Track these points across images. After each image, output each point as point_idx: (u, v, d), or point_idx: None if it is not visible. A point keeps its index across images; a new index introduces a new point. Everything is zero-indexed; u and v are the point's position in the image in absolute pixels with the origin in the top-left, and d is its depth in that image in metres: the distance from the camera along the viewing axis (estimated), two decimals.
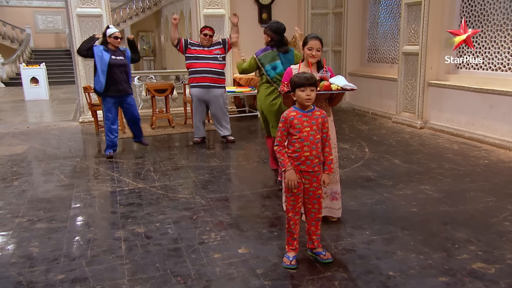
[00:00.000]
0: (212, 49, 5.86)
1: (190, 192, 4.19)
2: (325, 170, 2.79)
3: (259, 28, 8.80)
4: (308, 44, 3.23)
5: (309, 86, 2.65)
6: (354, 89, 3.01)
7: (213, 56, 5.83)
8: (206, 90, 5.85)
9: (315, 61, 3.25)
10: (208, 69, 5.79)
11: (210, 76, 5.80)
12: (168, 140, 6.45)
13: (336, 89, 3.00)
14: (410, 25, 6.62)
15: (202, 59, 5.79)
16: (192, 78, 5.88)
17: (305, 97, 2.64)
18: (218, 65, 5.86)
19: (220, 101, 5.99)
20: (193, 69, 5.84)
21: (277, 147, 2.75)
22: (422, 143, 5.72)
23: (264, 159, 5.26)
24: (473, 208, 3.53)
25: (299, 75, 2.70)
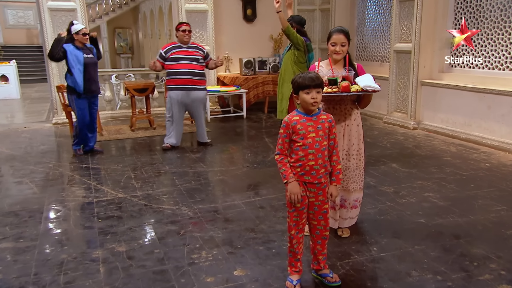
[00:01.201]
0: (193, 51, 5.47)
1: (176, 202, 3.82)
2: (332, 182, 2.48)
3: (243, 25, 8.47)
4: (332, 39, 2.90)
5: (315, 87, 2.32)
6: (376, 90, 2.69)
7: (193, 57, 5.43)
8: (187, 93, 5.43)
9: (340, 58, 2.92)
10: (188, 70, 5.38)
11: (190, 78, 5.39)
12: (149, 143, 6.04)
13: (355, 91, 2.69)
14: (402, 22, 6.38)
15: (180, 60, 5.38)
16: (171, 80, 5.45)
17: (310, 100, 2.32)
18: (198, 66, 5.46)
19: (201, 105, 5.61)
20: (172, 70, 5.41)
21: (278, 156, 2.42)
22: (417, 145, 5.48)
23: (254, 164, 4.92)
24: (484, 219, 3.28)
25: (302, 75, 2.37)
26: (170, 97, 5.50)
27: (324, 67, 2.95)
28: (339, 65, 2.94)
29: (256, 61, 8.01)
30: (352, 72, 2.82)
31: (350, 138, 2.94)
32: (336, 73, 2.80)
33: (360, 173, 3.05)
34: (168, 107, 5.57)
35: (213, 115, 7.69)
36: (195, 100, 5.49)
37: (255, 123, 7.27)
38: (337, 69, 2.89)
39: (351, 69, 2.85)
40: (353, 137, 2.96)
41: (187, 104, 5.50)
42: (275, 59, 8.15)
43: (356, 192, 3.06)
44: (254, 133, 6.50)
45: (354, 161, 3.01)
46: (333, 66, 2.90)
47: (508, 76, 5.20)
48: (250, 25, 8.55)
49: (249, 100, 7.84)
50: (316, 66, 2.93)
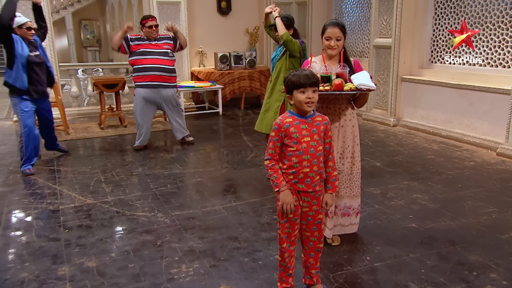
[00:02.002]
0: (161, 43, 5.11)
1: (151, 208, 3.54)
2: (327, 189, 2.27)
3: (218, 18, 8.18)
4: (326, 32, 2.67)
5: (311, 86, 2.10)
6: (371, 89, 2.49)
7: (162, 50, 5.07)
8: (156, 90, 5.07)
9: (335, 53, 2.70)
10: (157, 65, 5.01)
11: (159, 74, 5.02)
12: (120, 142, 5.69)
13: (349, 90, 2.48)
14: (381, 16, 6.25)
15: (149, 54, 5.02)
16: (138, 77, 5.06)
17: (306, 100, 2.09)
18: (168, 61, 5.09)
19: (173, 102, 5.27)
20: (139, 66, 5.03)
21: (269, 161, 2.19)
22: (399, 143, 5.36)
23: (233, 164, 4.67)
24: (477, 222, 3.15)
25: (297, 73, 2.14)
26: (137, 95, 5.14)
27: (317, 63, 2.73)
28: (333, 61, 2.73)
29: (232, 56, 7.73)
30: (347, 69, 2.61)
31: (345, 140, 2.74)
32: (330, 69, 2.59)
33: (354, 179, 2.85)
34: (134, 107, 5.21)
35: (188, 112, 7.35)
36: (166, 98, 5.16)
37: (232, 120, 7.01)
38: (331, 65, 2.67)
39: (346, 65, 2.64)
40: (347, 139, 2.75)
41: (157, 102, 5.17)
42: (251, 54, 7.89)
43: (349, 198, 2.87)
44: (231, 131, 6.25)
45: (348, 165, 2.81)
46: (327, 62, 2.68)
47: (489, 72, 5.13)
48: (225, 18, 8.26)
49: (225, 96, 7.57)
50: (309, 62, 2.71)
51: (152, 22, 5.07)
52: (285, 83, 2.16)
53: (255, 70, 7.85)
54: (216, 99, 7.49)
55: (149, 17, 5.14)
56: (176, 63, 5.38)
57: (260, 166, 4.57)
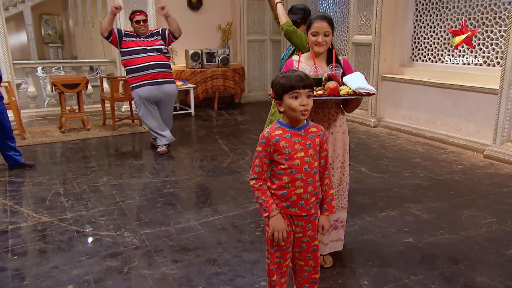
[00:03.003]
0: (153, 40, 4.72)
1: (117, 226, 3.12)
2: (323, 211, 1.94)
3: (188, 13, 7.74)
4: (312, 27, 2.33)
5: (305, 88, 1.76)
6: (371, 93, 2.17)
7: (156, 47, 4.69)
8: (157, 87, 4.69)
9: (323, 50, 2.36)
10: (153, 62, 4.65)
11: (158, 71, 4.66)
12: (83, 147, 5.20)
13: (346, 94, 2.15)
14: (361, 12, 5.99)
15: (142, 53, 4.62)
16: (134, 78, 4.66)
17: (299, 107, 1.75)
18: (163, 57, 4.73)
19: (172, 101, 4.94)
20: (133, 66, 4.64)
21: (255, 181, 1.84)
22: (382, 145, 5.11)
23: (208, 171, 4.29)
24: (477, 235, 2.90)
25: (287, 74, 1.79)
26: (138, 97, 4.72)
27: (304, 63, 2.39)
28: (321, 60, 2.40)
29: (204, 53, 7.32)
30: (340, 70, 2.29)
31: (335, 149, 2.42)
32: (320, 70, 2.26)
33: (343, 190, 2.55)
34: (139, 111, 4.81)
35: None
36: (168, 94, 4.81)
37: (205, 121, 6.61)
38: (319, 65, 2.34)
39: (338, 66, 2.31)
40: (337, 147, 2.44)
41: (159, 99, 4.78)
42: (224, 51, 7.50)
43: (337, 211, 2.56)
44: (205, 133, 5.86)
45: (338, 176, 2.50)
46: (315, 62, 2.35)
47: (473, 71, 4.95)
48: (196, 14, 7.82)
49: (197, 96, 7.15)
50: (295, 62, 2.37)
51: (139, 17, 4.65)
52: (273, 86, 1.81)
53: (229, 68, 7.47)
54: (187, 99, 7.06)
55: (137, 12, 4.71)
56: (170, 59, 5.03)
57: (238, 173, 4.21)
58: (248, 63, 8.15)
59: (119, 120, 6.10)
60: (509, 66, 4.23)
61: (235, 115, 7.06)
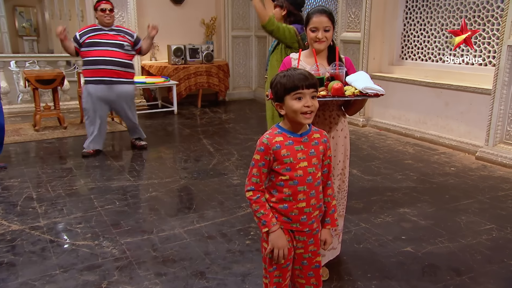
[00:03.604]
0: (117, 35, 4.41)
1: (95, 234, 2.88)
2: (325, 224, 1.76)
3: (170, 7, 7.47)
4: (311, 22, 2.15)
5: (309, 88, 1.57)
6: (380, 94, 2.00)
7: (117, 42, 4.37)
8: (108, 87, 4.37)
9: (323, 47, 2.19)
10: (108, 58, 4.31)
11: (111, 68, 4.32)
12: (59, 147, 4.91)
13: (352, 95, 1.97)
14: (349, 8, 5.84)
15: (99, 45, 4.31)
16: (87, 71, 4.37)
17: (303, 109, 1.56)
18: (123, 54, 4.39)
19: (129, 102, 4.58)
20: (88, 58, 4.33)
21: (252, 193, 1.64)
22: (372, 146, 4.98)
23: (193, 173, 4.07)
24: (477, 243, 2.78)
25: (288, 72, 1.60)
26: (87, 92, 4.42)
27: (304, 61, 2.21)
28: (321, 57, 2.23)
29: (187, 49, 7.06)
30: (343, 69, 2.11)
31: (336, 154, 2.25)
32: (322, 69, 2.07)
33: (341, 197, 2.39)
34: (85, 104, 4.49)
35: (138, 111, 6.61)
36: (121, 96, 4.46)
37: (189, 119, 6.37)
38: (320, 63, 2.16)
39: (342, 64, 2.14)
40: (338, 152, 2.26)
41: (110, 100, 4.46)
42: (208, 47, 7.26)
43: None
44: (189, 133, 5.62)
45: (337, 183, 2.33)
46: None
47: (465, 71, 4.85)
48: (178, 8, 7.56)
49: (180, 93, 6.90)
50: (293, 60, 2.19)
51: (105, 5, 4.35)
52: (272, 87, 1.61)
53: (213, 64, 7.23)
54: (170, 96, 6.80)
55: (103, 0, 4.38)
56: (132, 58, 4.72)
57: (224, 176, 4.00)
58: (233, 59, 7.93)
59: None
60: (503, 65, 4.13)
61: (219, 113, 6.84)
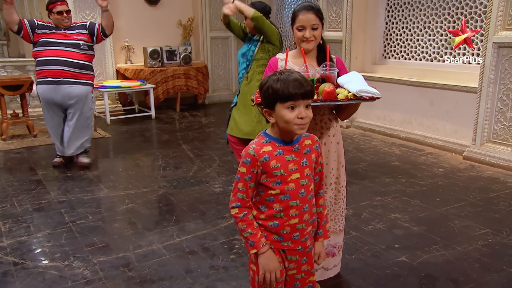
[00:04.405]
0: (72, 33, 4.05)
1: (65, 254, 2.64)
2: (318, 236, 1.59)
3: (145, 7, 7.22)
4: (298, 20, 1.98)
5: (304, 98, 1.38)
6: (375, 97, 1.83)
7: (72, 41, 4.01)
8: (55, 88, 3.96)
9: (311, 47, 2.03)
10: (60, 58, 3.94)
11: (63, 69, 3.95)
12: (28, 157, 4.61)
13: (345, 98, 1.80)
14: (330, 7, 5.70)
15: (52, 45, 3.96)
16: (37, 72, 4.04)
17: (296, 121, 1.37)
18: (78, 54, 4.01)
19: (80, 107, 4.09)
20: (40, 58, 3.99)
21: (238, 210, 1.45)
22: (358, 148, 4.84)
23: (172, 182, 3.85)
24: (474, 250, 2.64)
25: (282, 76, 1.40)
26: (39, 95, 4.11)
27: (291, 62, 2.03)
28: (310, 58, 2.06)
29: (164, 51, 6.82)
30: (335, 70, 1.94)
31: (328, 162, 2.07)
32: (311, 70, 1.89)
33: (339, 210, 2.21)
34: (43, 109, 4.18)
35: (114, 116, 6.36)
36: (68, 98, 4.02)
37: (167, 124, 6.13)
38: (309, 63, 1.99)
39: (333, 65, 1.97)
40: (331, 160, 2.09)
41: (57, 102, 4.05)
42: (186, 49, 7.03)
43: (333, 234, 2.22)
44: (167, 138, 5.38)
45: (332, 193, 2.16)
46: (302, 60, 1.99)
47: (449, 69, 4.76)
48: (154, 9, 7.30)
49: (158, 97, 6.65)
50: (280, 60, 2.01)
51: (62, 7, 3.98)
52: (262, 91, 1.42)
53: (191, 67, 7.00)
54: (147, 100, 6.55)
55: (57, 1, 3.99)
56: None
57: (205, 183, 3.80)
58: (212, 61, 7.71)
59: None
60: (488, 63, 4.04)
61: (199, 116, 6.62)
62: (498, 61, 4.00)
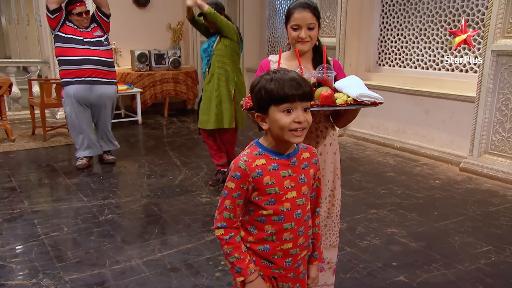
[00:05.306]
0: (91, 30, 4.03)
1: (34, 270, 2.42)
2: (313, 259, 1.40)
3: (134, 10, 7.04)
4: (293, 19, 1.81)
5: (302, 100, 1.20)
6: (378, 102, 1.66)
7: (94, 39, 4.00)
8: (91, 87, 3.99)
9: (307, 48, 1.86)
10: (91, 58, 3.95)
11: (95, 68, 3.96)
12: (4, 162, 4.37)
13: (344, 103, 1.62)
14: (324, 13, 5.56)
15: (81, 44, 3.93)
16: (67, 72, 3.96)
17: (292, 125, 1.19)
18: (103, 52, 4.04)
19: (110, 104, 4.22)
20: (67, 57, 3.92)
21: (224, 232, 1.26)
22: (351, 157, 4.68)
23: (157, 190, 3.64)
24: (477, 269, 2.47)
25: (277, 76, 1.21)
26: (67, 95, 4.02)
27: (285, 64, 1.85)
28: (306, 60, 1.88)
29: (152, 54, 6.62)
30: (332, 73, 1.76)
31: (324, 173, 1.88)
32: (307, 73, 1.72)
33: (332, 224, 2.02)
34: (67, 109, 4.09)
35: None
36: (102, 97, 4.10)
37: (154, 130, 5.91)
38: (305, 66, 1.81)
39: (330, 67, 1.79)
40: (327, 171, 1.90)
41: (90, 101, 4.07)
42: (175, 52, 6.84)
43: (324, 249, 2.02)
44: (154, 144, 5.17)
45: (326, 206, 1.97)
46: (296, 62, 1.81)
47: (446, 77, 4.63)
48: (143, 11, 7.12)
49: (145, 102, 6.43)
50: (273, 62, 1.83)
51: (81, 8, 3.94)
52: (253, 93, 1.23)
53: (180, 71, 6.80)
54: (134, 105, 6.33)
55: (76, 1, 3.93)
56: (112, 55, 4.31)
57: (192, 193, 3.59)
58: (202, 66, 7.49)
59: (52, 129, 5.30)
60: (487, 71, 3.91)
61: (187, 122, 6.41)
62: (497, 70, 3.87)
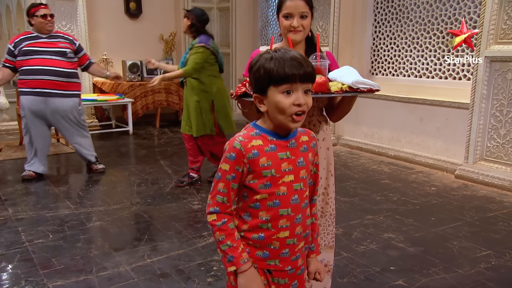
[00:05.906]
0: (56, 41, 3.89)
1: (16, 277, 2.30)
2: (311, 252, 1.32)
3: (126, 20, 7.01)
4: (285, 7, 1.74)
5: (302, 81, 1.13)
6: (374, 89, 1.61)
7: (57, 49, 3.84)
8: (43, 100, 3.80)
9: (300, 38, 1.79)
10: (47, 68, 3.76)
11: (49, 79, 3.77)
12: None
13: (339, 90, 1.57)
14: (317, 22, 5.56)
15: (37, 54, 3.78)
16: (21, 81, 3.83)
17: (292, 109, 1.12)
18: (64, 62, 3.85)
19: (69, 119, 3.98)
20: (24, 67, 3.79)
21: (216, 217, 1.18)
22: (346, 165, 4.62)
23: (147, 198, 3.54)
24: (477, 273, 2.40)
25: (277, 54, 1.14)
26: (22, 106, 3.87)
27: None
28: (298, 50, 1.81)
29: (144, 65, 6.57)
30: (326, 61, 1.71)
31: None
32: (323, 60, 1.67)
33: (327, 223, 1.95)
34: (23, 120, 3.93)
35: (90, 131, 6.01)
36: (58, 111, 3.88)
37: (145, 140, 5.82)
38: None
39: (324, 56, 1.74)
40: (320, 167, 1.82)
41: (46, 116, 3.89)
42: (168, 63, 6.79)
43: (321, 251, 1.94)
44: (145, 154, 5.08)
45: (319, 205, 1.90)
46: None
47: (439, 85, 4.62)
48: (135, 22, 7.10)
49: (136, 112, 6.35)
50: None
51: (45, 10, 3.84)
52: (252, 73, 1.17)
53: (173, 82, 6.74)
54: (125, 116, 6.24)
55: (41, 4, 3.89)
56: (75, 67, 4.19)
57: (183, 200, 3.50)
58: None
59: None
60: (480, 78, 3.90)
61: (179, 133, 6.28)
62: (490, 76, 3.86)
